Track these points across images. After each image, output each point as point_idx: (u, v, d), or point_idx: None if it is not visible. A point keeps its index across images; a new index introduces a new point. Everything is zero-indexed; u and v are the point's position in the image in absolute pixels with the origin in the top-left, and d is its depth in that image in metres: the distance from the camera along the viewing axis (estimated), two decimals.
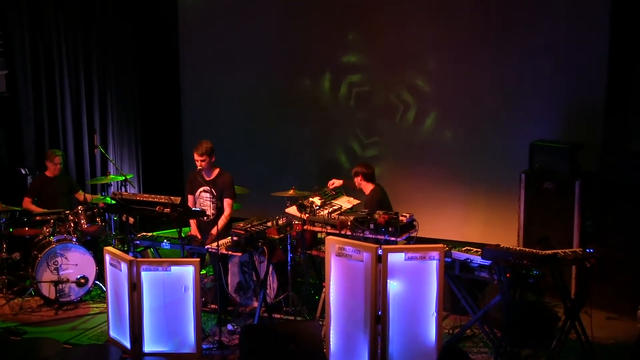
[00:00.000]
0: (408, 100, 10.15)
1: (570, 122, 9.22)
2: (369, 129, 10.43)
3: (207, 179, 8.15)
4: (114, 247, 8.43)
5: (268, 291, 8.00)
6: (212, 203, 8.12)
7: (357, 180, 8.40)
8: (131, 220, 8.61)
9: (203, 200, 8.20)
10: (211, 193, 8.10)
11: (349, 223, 7.49)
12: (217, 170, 8.25)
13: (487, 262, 6.85)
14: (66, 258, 8.54)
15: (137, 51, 11.33)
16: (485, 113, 9.75)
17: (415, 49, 10.00)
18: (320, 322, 7.23)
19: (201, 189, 8.19)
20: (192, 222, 8.27)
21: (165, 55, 11.47)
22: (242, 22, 10.92)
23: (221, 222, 7.96)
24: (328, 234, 7.41)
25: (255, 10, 10.85)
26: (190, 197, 8.30)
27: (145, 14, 11.26)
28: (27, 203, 9.22)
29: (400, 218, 7.36)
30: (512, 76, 9.52)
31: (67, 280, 8.52)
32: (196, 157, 8.06)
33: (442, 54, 9.88)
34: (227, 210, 8.16)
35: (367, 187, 8.36)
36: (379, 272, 6.44)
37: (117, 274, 7.05)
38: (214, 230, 7.75)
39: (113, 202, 8.49)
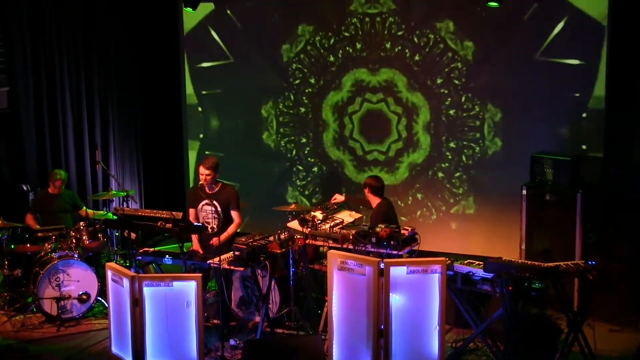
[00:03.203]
0: (409, 114, 10.17)
1: (571, 134, 9.25)
2: (371, 143, 10.44)
3: (210, 192, 8.16)
4: (115, 262, 8.44)
5: (270, 306, 7.98)
6: (215, 217, 8.13)
7: (365, 192, 8.41)
8: (133, 235, 8.60)
9: (205, 214, 8.20)
10: (214, 206, 8.11)
11: (350, 237, 7.50)
12: (219, 184, 8.27)
13: (489, 275, 6.86)
14: (68, 274, 8.53)
15: (139, 67, 11.37)
16: (486, 125, 9.77)
17: (416, 62, 10.03)
18: (323, 337, 7.21)
19: (203, 202, 8.19)
20: (194, 237, 8.27)
21: (167, 70, 11.50)
22: (243, 36, 10.96)
23: (232, 229, 8.16)
24: (330, 248, 7.41)
25: (258, 19, 10.86)
26: (191, 211, 8.30)
27: (147, 30, 11.31)
28: (29, 219, 9.22)
29: (402, 232, 7.37)
30: (513, 89, 9.54)
31: (69, 297, 8.51)
32: (202, 170, 8.08)
33: (443, 68, 9.90)
34: (237, 219, 8.28)
35: (374, 201, 8.35)
36: (381, 285, 6.43)
37: (119, 290, 7.03)
38: (223, 236, 7.88)
39: (115, 217, 8.49)
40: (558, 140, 9.28)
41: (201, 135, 11.41)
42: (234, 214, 8.25)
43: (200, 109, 11.36)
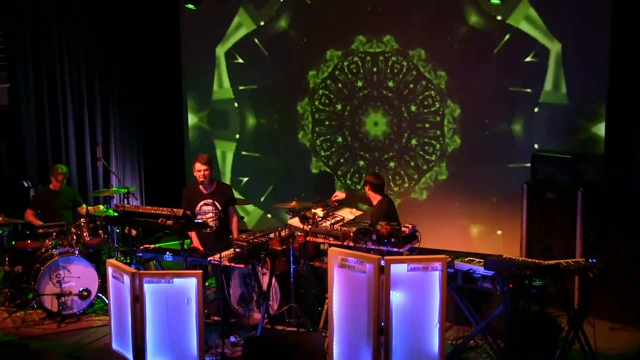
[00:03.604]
0: (410, 112, 10.17)
1: (573, 132, 9.25)
2: (371, 141, 10.44)
3: (208, 191, 8.15)
4: (116, 259, 8.44)
5: (271, 303, 7.99)
6: (215, 215, 8.12)
7: (366, 189, 8.41)
8: (134, 232, 8.60)
9: (205, 213, 8.18)
10: (214, 205, 8.11)
11: (351, 234, 7.50)
12: (215, 183, 8.27)
13: (489, 273, 6.86)
14: (69, 271, 8.54)
15: (140, 63, 11.37)
16: (488, 123, 9.78)
17: (417, 61, 10.03)
18: (323, 334, 7.22)
19: (202, 202, 8.17)
20: (193, 234, 8.26)
21: (167, 66, 11.49)
22: (245, 36, 10.95)
23: (236, 225, 8.31)
24: (330, 245, 7.41)
25: (259, 17, 10.83)
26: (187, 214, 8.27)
27: (148, 25, 11.29)
28: (29, 215, 9.22)
29: (403, 229, 7.37)
30: (514, 86, 9.54)
31: (70, 293, 8.51)
32: (199, 166, 8.06)
33: (443, 66, 9.91)
34: (236, 215, 8.40)
35: (375, 198, 8.35)
36: (382, 283, 6.43)
37: (119, 287, 7.04)
38: (235, 235, 8.03)
39: (115, 214, 8.49)
40: (559, 138, 9.29)
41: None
42: (232, 210, 8.32)
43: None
